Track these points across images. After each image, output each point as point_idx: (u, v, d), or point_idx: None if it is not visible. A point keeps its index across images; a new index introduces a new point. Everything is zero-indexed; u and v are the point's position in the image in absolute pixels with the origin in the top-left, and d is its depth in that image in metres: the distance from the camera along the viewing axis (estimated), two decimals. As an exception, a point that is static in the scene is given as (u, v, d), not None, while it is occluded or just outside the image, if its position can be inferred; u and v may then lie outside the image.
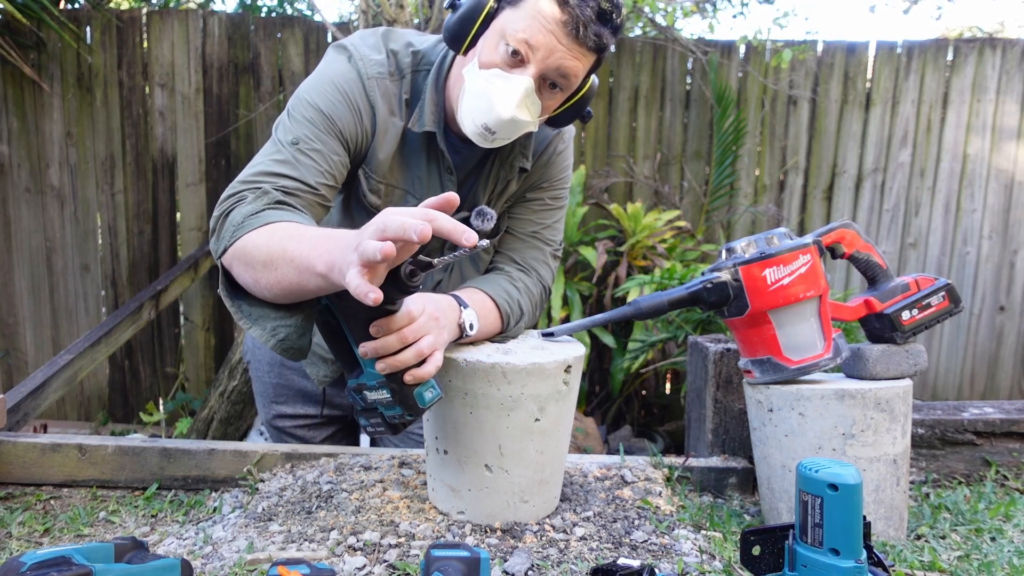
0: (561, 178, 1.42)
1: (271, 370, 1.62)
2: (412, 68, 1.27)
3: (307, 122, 1.17)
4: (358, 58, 1.23)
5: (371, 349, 1.00)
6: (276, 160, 1.14)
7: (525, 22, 1.12)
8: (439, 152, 1.29)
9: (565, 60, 1.14)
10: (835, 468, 0.86)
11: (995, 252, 4.15)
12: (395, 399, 1.02)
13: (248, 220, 1.05)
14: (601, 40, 1.14)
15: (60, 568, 0.78)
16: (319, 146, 1.17)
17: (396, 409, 1.03)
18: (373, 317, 0.99)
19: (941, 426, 1.54)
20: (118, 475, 1.40)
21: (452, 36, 1.19)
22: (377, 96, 1.23)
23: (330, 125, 1.18)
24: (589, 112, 1.30)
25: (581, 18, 1.10)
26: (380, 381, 1.02)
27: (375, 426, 1.08)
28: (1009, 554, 1.19)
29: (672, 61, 4.02)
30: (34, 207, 3.97)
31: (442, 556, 0.86)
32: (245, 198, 1.09)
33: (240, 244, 1.04)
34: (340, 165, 1.20)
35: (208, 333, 4.10)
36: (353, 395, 1.07)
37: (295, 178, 1.13)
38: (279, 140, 1.18)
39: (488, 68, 1.15)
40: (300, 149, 1.15)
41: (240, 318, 1.06)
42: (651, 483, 1.34)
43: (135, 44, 3.91)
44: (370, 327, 0.99)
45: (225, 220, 1.09)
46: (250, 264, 1.02)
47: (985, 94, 4.03)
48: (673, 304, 1.26)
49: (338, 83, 1.21)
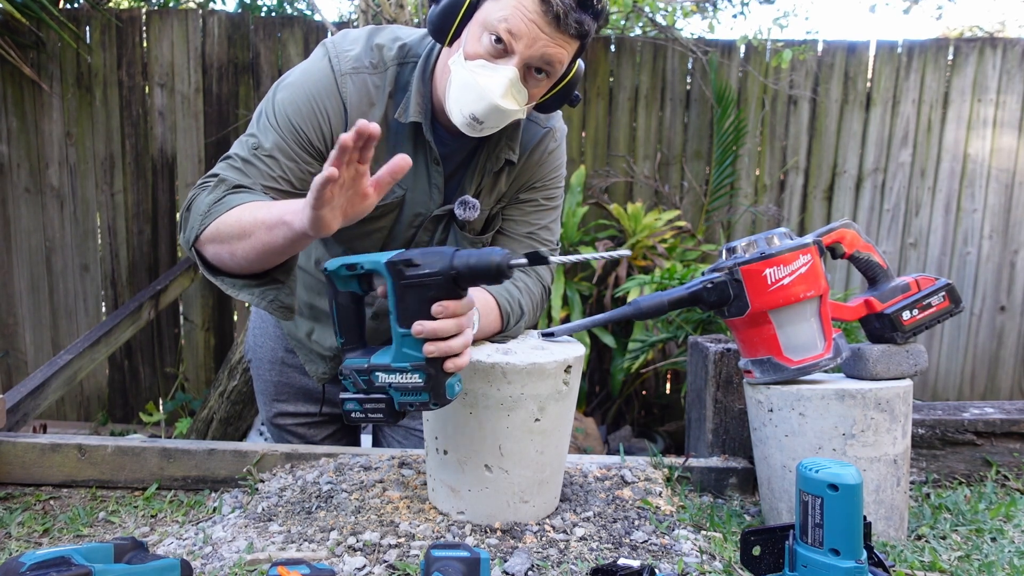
0: (554, 177, 1.43)
1: (272, 368, 1.62)
2: (398, 60, 1.28)
3: (271, 128, 1.23)
4: (334, 55, 1.26)
5: (429, 330, 0.98)
6: (232, 166, 1.22)
7: (507, 11, 1.12)
8: (426, 143, 1.30)
9: (548, 48, 1.14)
10: (835, 468, 0.86)
11: (995, 252, 4.15)
12: (427, 385, 0.99)
13: (214, 207, 1.13)
14: (583, 27, 1.14)
15: (59, 568, 0.78)
16: (276, 153, 1.22)
17: (423, 396, 1.00)
18: (439, 297, 0.98)
19: (941, 426, 1.53)
20: (118, 475, 1.39)
21: (436, 28, 1.20)
22: (350, 90, 1.25)
23: (295, 134, 1.23)
24: (577, 96, 1.30)
25: (562, 6, 1.10)
26: (416, 364, 0.99)
27: (372, 412, 1.03)
28: (1010, 554, 1.19)
29: (672, 61, 4.02)
30: (33, 207, 3.97)
31: (442, 556, 0.86)
32: (205, 188, 1.18)
33: (213, 227, 1.12)
34: (299, 171, 1.24)
35: (208, 333, 4.09)
36: (354, 376, 1.03)
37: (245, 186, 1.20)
38: (243, 142, 1.24)
39: (473, 59, 1.16)
40: (256, 155, 1.22)
41: (227, 289, 1.16)
42: (651, 483, 1.34)
43: (135, 44, 3.91)
44: (433, 307, 0.98)
45: (189, 212, 1.18)
46: (225, 240, 1.10)
47: (986, 94, 4.03)
48: (673, 304, 1.26)
49: (308, 87, 1.25)
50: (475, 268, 0.97)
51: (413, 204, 1.34)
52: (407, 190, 1.33)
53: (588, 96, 4.03)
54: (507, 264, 0.97)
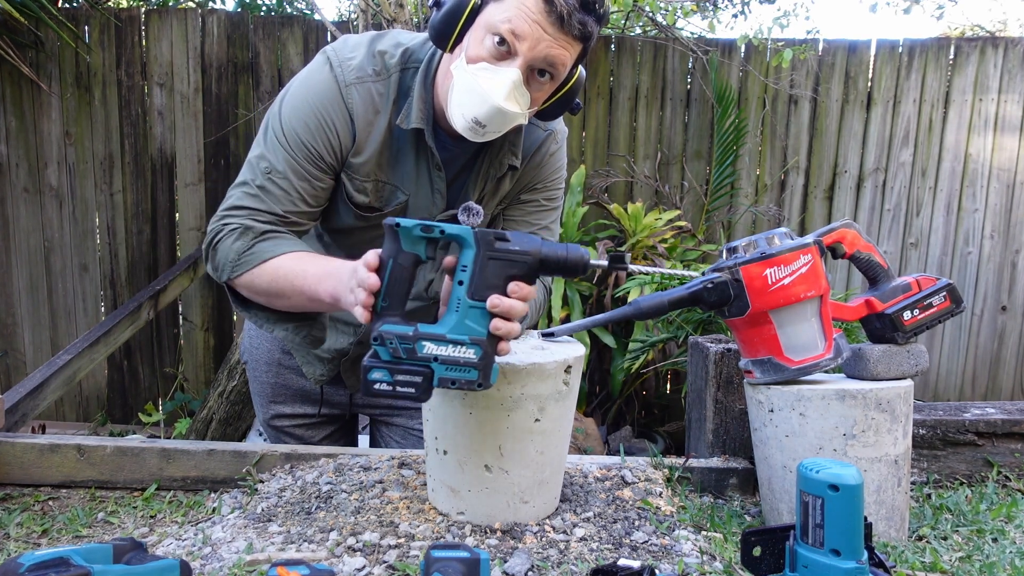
0: (555, 179, 1.43)
1: (269, 370, 1.62)
2: (400, 66, 1.28)
3: (281, 148, 1.24)
4: (337, 64, 1.25)
5: (506, 306, 0.98)
6: (248, 194, 1.24)
7: (510, 12, 1.12)
8: (428, 149, 1.29)
9: (551, 49, 1.14)
10: (836, 469, 0.86)
11: (997, 252, 4.14)
12: (480, 363, 0.99)
13: (243, 257, 1.19)
14: (586, 28, 1.14)
15: (58, 569, 0.78)
16: (289, 175, 1.24)
17: (471, 373, 0.99)
18: (518, 278, 1.00)
19: (942, 426, 1.53)
20: (117, 476, 1.39)
21: (438, 34, 1.19)
22: (355, 101, 1.25)
23: (306, 152, 1.24)
24: (578, 104, 1.30)
25: (565, 7, 1.10)
26: (476, 339, 0.98)
27: (403, 385, 0.98)
28: (1011, 555, 1.19)
29: (673, 60, 4.02)
30: (32, 207, 3.97)
31: (442, 557, 0.86)
32: (230, 227, 1.22)
33: (246, 279, 1.20)
34: (312, 188, 1.26)
35: (207, 333, 4.09)
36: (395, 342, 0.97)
37: (264, 211, 1.23)
38: (254, 164, 1.26)
39: (475, 62, 1.15)
40: (271, 179, 1.24)
41: (260, 324, 1.25)
42: (651, 484, 1.34)
43: (134, 43, 3.90)
44: (511, 284, 1.00)
45: (215, 250, 1.23)
46: (260, 293, 1.20)
47: (987, 93, 4.03)
48: (673, 304, 1.25)
49: (314, 101, 1.24)
50: (562, 259, 1.02)
51: (416, 210, 1.34)
52: (410, 196, 1.33)
53: (588, 96, 4.03)
54: (589, 262, 1.04)
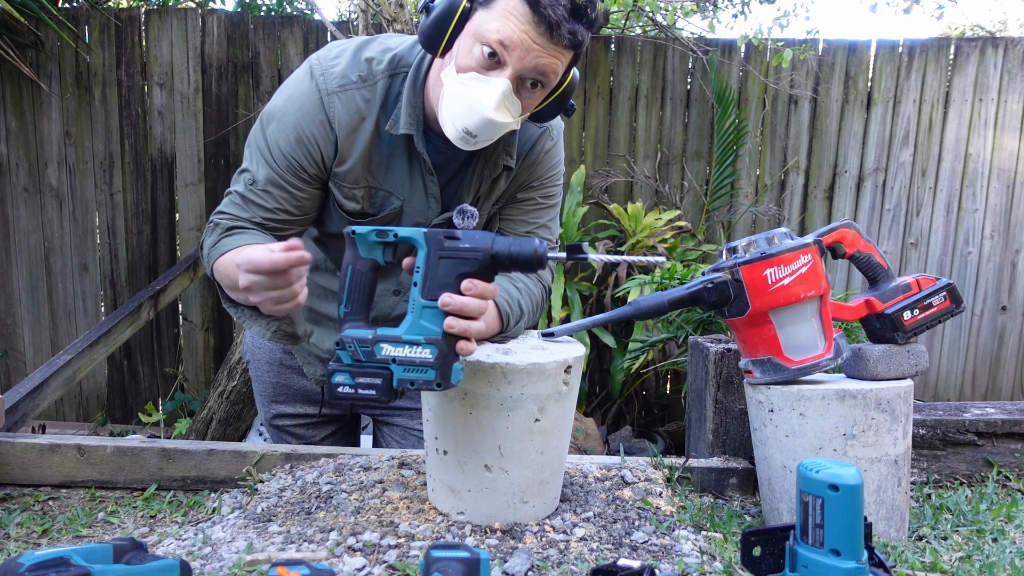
0: (551, 176, 1.41)
1: (270, 370, 1.62)
2: (389, 72, 1.27)
3: (263, 160, 1.27)
4: (319, 73, 1.26)
5: (458, 304, 0.99)
6: (233, 202, 1.29)
7: (498, 23, 1.10)
8: (419, 154, 1.29)
9: (541, 59, 1.12)
10: (836, 469, 0.86)
11: (997, 252, 4.14)
12: (437, 362, 0.98)
13: (211, 251, 1.24)
14: (576, 37, 1.12)
15: (58, 569, 0.78)
16: (270, 187, 1.27)
17: (428, 373, 0.99)
18: (471, 275, 0.99)
19: (942, 426, 1.53)
20: (117, 476, 1.39)
21: (428, 40, 1.18)
22: (338, 110, 1.25)
23: (287, 163, 1.27)
24: (572, 105, 1.29)
25: (554, 17, 1.08)
26: (431, 338, 0.99)
27: (363, 388, 1.00)
28: (1011, 555, 1.19)
29: (673, 60, 4.02)
30: (32, 207, 3.97)
31: (442, 557, 0.86)
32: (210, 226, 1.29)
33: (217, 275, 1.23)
34: (295, 199, 1.29)
35: (207, 333, 4.09)
36: (354, 345, 1.00)
37: (246, 218, 1.28)
38: (241, 175, 1.30)
39: (465, 72, 1.14)
40: (252, 189, 1.28)
41: (241, 321, 1.25)
42: (651, 484, 1.34)
43: (134, 43, 3.90)
44: (464, 282, 0.99)
45: (202, 248, 1.30)
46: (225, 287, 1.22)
47: (987, 93, 4.03)
48: (673, 304, 1.25)
49: (294, 115, 1.26)
50: (514, 254, 1.00)
51: (411, 214, 1.34)
52: (404, 201, 1.33)
53: (588, 96, 4.03)
54: (545, 255, 1.00)
